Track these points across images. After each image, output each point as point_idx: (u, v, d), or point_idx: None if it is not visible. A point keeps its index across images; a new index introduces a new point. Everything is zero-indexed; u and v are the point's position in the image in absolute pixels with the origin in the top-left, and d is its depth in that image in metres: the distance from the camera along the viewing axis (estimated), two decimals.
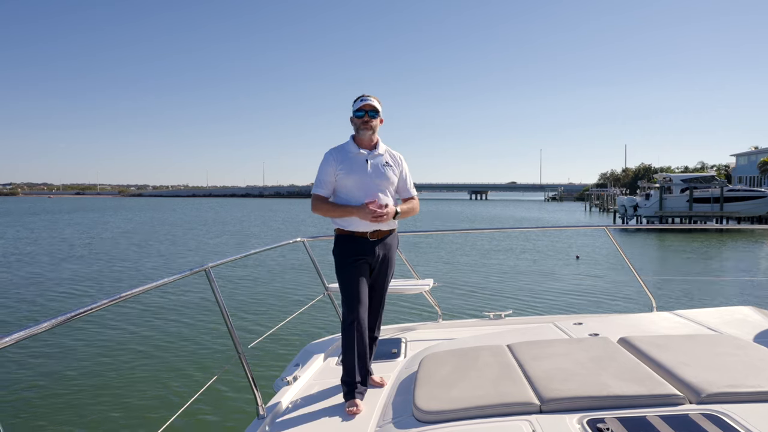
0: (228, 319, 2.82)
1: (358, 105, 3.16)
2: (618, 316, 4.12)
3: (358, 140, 3.20)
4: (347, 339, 3.02)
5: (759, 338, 3.19)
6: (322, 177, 3.15)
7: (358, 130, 3.19)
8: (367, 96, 3.18)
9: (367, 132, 3.16)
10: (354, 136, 3.23)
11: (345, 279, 3.07)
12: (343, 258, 3.09)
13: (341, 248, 3.11)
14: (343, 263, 3.09)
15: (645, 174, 76.86)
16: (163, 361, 8.49)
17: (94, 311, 2.07)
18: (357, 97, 3.22)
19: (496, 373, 2.56)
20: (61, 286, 15.21)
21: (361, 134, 3.17)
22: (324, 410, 2.84)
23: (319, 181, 3.15)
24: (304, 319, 9.77)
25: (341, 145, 3.23)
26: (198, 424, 6.13)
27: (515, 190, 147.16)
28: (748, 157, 66.03)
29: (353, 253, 3.08)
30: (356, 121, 3.18)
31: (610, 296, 13.16)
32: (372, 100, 3.16)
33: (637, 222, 41.39)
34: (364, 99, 3.17)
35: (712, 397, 2.17)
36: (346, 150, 3.18)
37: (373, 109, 3.15)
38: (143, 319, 11.00)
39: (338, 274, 3.10)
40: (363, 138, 3.18)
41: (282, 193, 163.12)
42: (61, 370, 8.12)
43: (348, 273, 3.07)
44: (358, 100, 3.20)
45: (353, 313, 3.02)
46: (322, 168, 3.15)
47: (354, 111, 3.18)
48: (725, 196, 38.03)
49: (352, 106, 3.20)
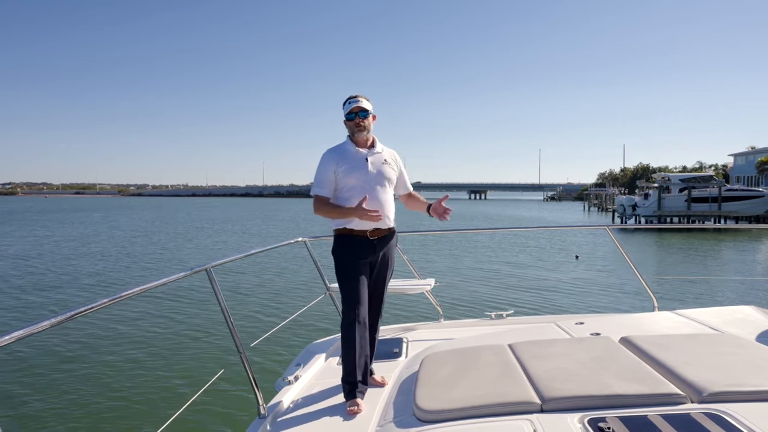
0: (229, 319, 2.82)
1: (348, 108, 3.18)
2: (619, 316, 4.13)
3: (355, 140, 3.21)
4: (347, 338, 3.02)
5: (761, 338, 3.19)
6: (321, 177, 3.15)
7: (353, 132, 3.20)
8: (355, 97, 3.19)
9: (362, 133, 3.18)
10: (350, 136, 3.23)
11: (345, 278, 3.07)
12: (343, 257, 3.09)
13: (342, 247, 3.11)
14: (343, 262, 3.09)
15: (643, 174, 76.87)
16: (164, 360, 8.50)
17: (94, 310, 2.07)
18: (345, 100, 3.23)
19: (497, 373, 2.56)
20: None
21: (356, 136, 3.19)
22: (325, 410, 2.84)
23: (319, 182, 3.15)
24: (305, 319, 9.77)
25: (339, 145, 3.23)
26: (199, 423, 6.13)
27: (514, 190, 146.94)
28: (746, 157, 66.14)
29: (354, 252, 3.08)
30: (349, 124, 3.20)
31: (611, 296, 13.18)
32: (360, 101, 3.17)
33: (636, 221, 41.45)
34: (352, 101, 3.18)
35: (713, 396, 2.17)
36: (345, 149, 3.18)
37: (362, 109, 3.16)
38: (144, 318, 11.00)
39: (338, 273, 3.11)
40: (359, 139, 3.19)
41: (282, 193, 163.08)
42: (61, 369, 8.12)
43: (348, 272, 3.07)
44: (347, 102, 3.21)
45: (353, 313, 3.02)
46: (322, 168, 3.15)
47: (345, 114, 3.19)
48: (723, 195, 38.10)
49: (343, 109, 3.21)
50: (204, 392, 3.20)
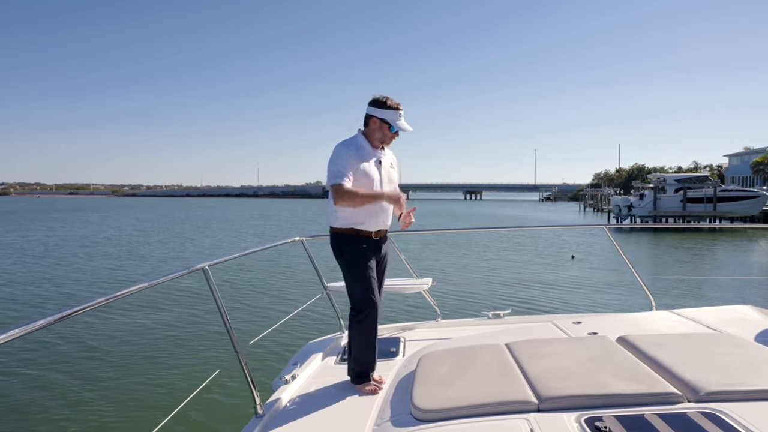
0: (226, 318, 2.81)
1: (397, 122, 3.11)
2: (617, 315, 4.14)
3: (371, 141, 3.15)
4: (364, 332, 3.07)
5: (758, 337, 3.20)
6: (344, 166, 2.99)
7: (381, 140, 3.14)
8: (400, 110, 3.12)
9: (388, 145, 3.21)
10: (365, 133, 3.17)
11: (361, 273, 3.07)
12: (355, 256, 3.09)
13: (352, 246, 3.10)
14: (357, 261, 3.09)
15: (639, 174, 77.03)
16: (160, 359, 8.46)
17: (88, 310, 2.06)
18: (391, 105, 3.11)
19: (494, 372, 2.56)
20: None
21: (379, 140, 3.14)
22: (323, 409, 2.84)
23: (340, 172, 2.97)
24: (302, 319, 9.75)
25: (354, 141, 3.13)
26: (196, 422, 6.11)
27: (510, 191, 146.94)
28: (741, 158, 66.43)
29: (365, 250, 3.11)
30: (387, 134, 3.13)
31: (609, 295, 13.19)
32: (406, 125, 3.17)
33: (632, 222, 41.55)
34: (400, 118, 3.12)
35: (710, 395, 2.17)
36: (362, 147, 3.11)
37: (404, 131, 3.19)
38: (140, 318, 10.96)
39: (352, 271, 3.09)
40: (375, 140, 3.15)
41: (277, 193, 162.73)
42: (56, 368, 8.08)
43: (365, 270, 3.09)
44: (393, 109, 3.10)
45: (370, 307, 3.06)
46: (343, 159, 3.01)
47: (390, 123, 3.10)
48: (718, 196, 38.23)
49: (381, 109, 3.10)
50: (200, 391, 3.19)
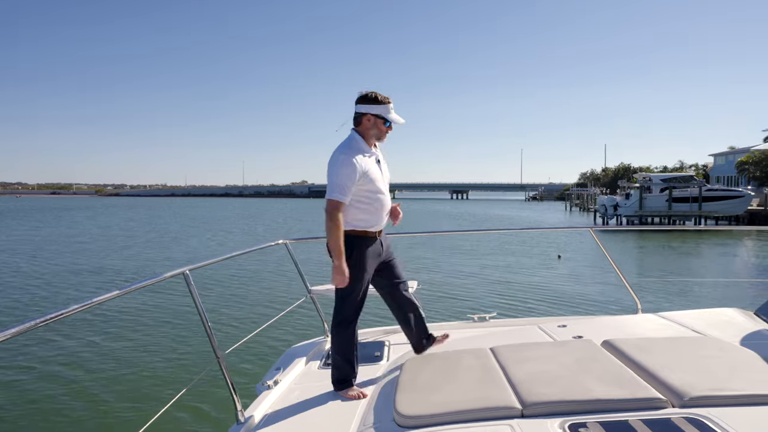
0: (206, 323, 2.75)
1: (391, 118, 3.06)
2: (602, 318, 4.13)
3: (367, 140, 3.08)
4: (346, 338, 3.02)
5: (743, 341, 3.20)
6: (347, 183, 2.90)
7: (377, 137, 3.09)
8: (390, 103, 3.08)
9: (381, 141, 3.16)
10: (360, 132, 3.09)
11: (359, 279, 3.01)
12: (359, 258, 3.02)
13: (356, 248, 3.01)
14: (361, 263, 3.02)
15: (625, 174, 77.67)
16: (138, 366, 8.29)
17: (63, 317, 1.99)
18: (382, 100, 3.05)
19: (478, 377, 2.54)
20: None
21: (374, 137, 3.09)
22: (305, 415, 2.78)
23: (344, 188, 2.89)
24: (286, 323, 9.66)
25: (354, 146, 3.03)
26: (176, 430, 6.00)
27: (496, 190, 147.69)
28: (726, 157, 67.30)
29: (371, 252, 3.06)
30: (383, 129, 3.08)
31: (594, 298, 13.22)
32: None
33: (617, 221, 41.90)
34: (392, 111, 3.07)
35: (694, 400, 2.15)
36: (362, 150, 3.03)
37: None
38: (119, 323, 10.77)
39: (353, 271, 2.99)
40: (370, 139, 3.09)
41: (262, 193, 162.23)
42: (34, 375, 7.91)
43: (365, 273, 3.04)
44: (384, 104, 3.05)
45: (356, 314, 3.03)
46: (349, 173, 2.90)
47: (385, 117, 3.05)
48: (704, 195, 38.66)
49: (374, 105, 3.04)
50: (180, 398, 3.12)
